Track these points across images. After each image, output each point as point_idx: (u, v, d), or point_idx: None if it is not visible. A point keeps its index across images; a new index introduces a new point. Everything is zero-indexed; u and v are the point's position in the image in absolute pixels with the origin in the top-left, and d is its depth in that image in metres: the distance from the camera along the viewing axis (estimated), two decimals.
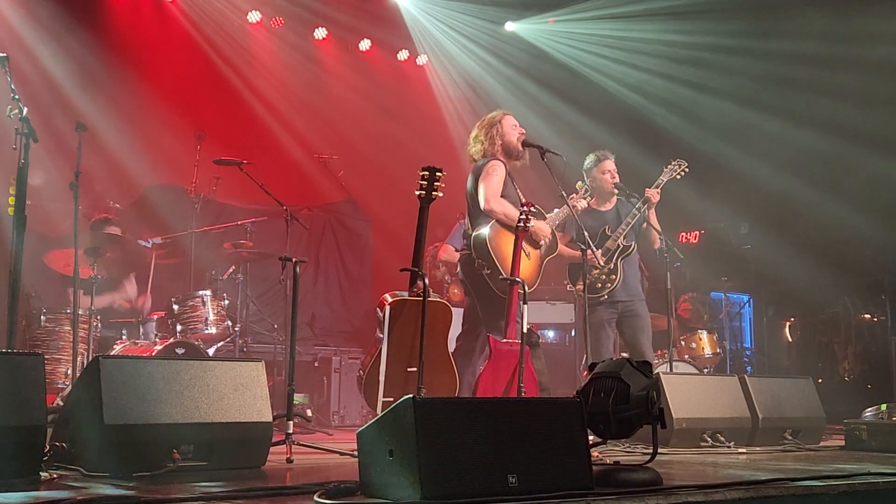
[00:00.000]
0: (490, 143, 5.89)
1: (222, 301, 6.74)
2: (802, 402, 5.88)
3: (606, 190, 6.60)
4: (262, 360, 3.96)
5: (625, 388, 3.20)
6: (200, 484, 3.22)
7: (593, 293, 6.27)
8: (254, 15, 9.59)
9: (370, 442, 2.84)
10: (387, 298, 5.11)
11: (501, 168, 5.80)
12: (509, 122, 5.97)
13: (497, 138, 5.89)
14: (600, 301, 6.35)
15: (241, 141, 8.73)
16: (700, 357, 7.99)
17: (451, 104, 10.52)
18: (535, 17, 10.48)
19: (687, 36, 9.69)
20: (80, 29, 8.28)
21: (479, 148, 5.93)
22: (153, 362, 3.76)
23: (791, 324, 10.41)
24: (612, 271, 6.36)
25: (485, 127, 5.94)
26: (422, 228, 5.10)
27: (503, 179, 5.78)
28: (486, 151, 5.88)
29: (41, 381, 3.24)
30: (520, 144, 5.93)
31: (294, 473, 3.78)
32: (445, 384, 5.17)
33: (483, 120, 6.03)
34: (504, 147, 5.90)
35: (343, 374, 8.13)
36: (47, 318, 6.12)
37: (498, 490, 2.64)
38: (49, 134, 4.82)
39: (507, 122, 5.96)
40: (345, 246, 10.17)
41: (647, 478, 3.05)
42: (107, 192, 7.90)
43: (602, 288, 6.34)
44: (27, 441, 3.13)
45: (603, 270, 6.32)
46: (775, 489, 3.05)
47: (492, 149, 5.87)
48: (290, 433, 4.30)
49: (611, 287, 6.35)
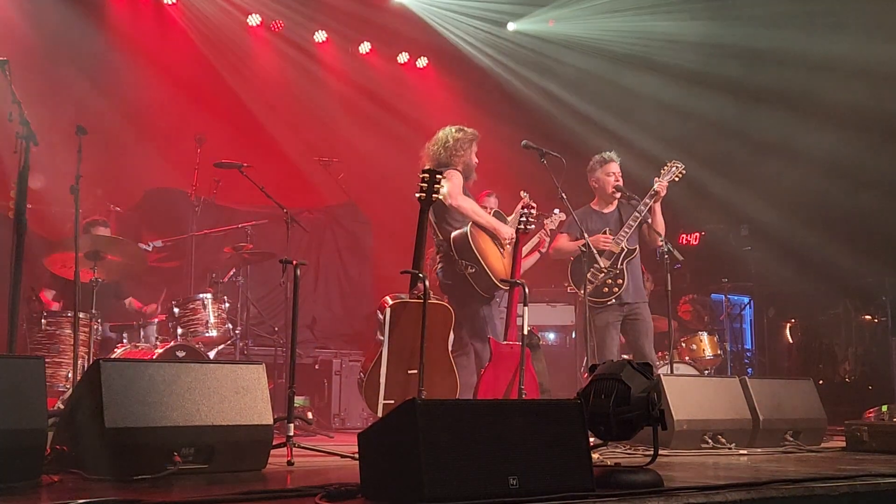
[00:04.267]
0: (448, 154, 5.90)
1: (223, 304, 6.75)
2: (803, 404, 5.88)
3: (608, 192, 6.61)
4: (262, 363, 3.96)
5: (625, 389, 3.20)
6: (201, 487, 3.22)
7: (601, 297, 6.28)
8: (254, 18, 9.61)
9: (371, 444, 2.84)
10: (387, 301, 5.12)
11: (459, 176, 5.87)
12: (475, 146, 6.03)
13: (461, 154, 5.92)
14: (608, 304, 6.35)
15: (242, 144, 8.73)
16: (701, 359, 7.99)
17: (451, 107, 10.52)
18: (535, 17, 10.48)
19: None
20: (81, 33, 8.29)
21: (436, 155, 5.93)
22: (154, 365, 3.75)
23: (792, 325, 10.40)
24: (618, 275, 6.36)
25: (454, 138, 5.94)
26: (422, 231, 5.12)
27: (461, 185, 5.84)
28: (441, 162, 5.88)
29: (42, 385, 3.24)
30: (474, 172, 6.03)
31: (295, 476, 3.78)
32: (446, 386, 5.17)
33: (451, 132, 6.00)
34: (465, 167, 5.94)
35: (344, 376, 8.13)
36: (48, 322, 6.13)
37: (499, 492, 2.64)
38: (50, 137, 4.81)
39: (475, 146, 6.03)
40: (345, 248, 10.17)
41: (647, 479, 3.05)
42: (107, 196, 7.91)
43: (609, 293, 6.33)
44: (28, 444, 3.13)
45: (609, 275, 6.32)
46: (776, 490, 3.04)
47: (447, 161, 5.88)
48: (291, 436, 4.31)
49: (618, 291, 6.35)
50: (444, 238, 5.86)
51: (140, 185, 8.71)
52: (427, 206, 5.10)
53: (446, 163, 5.87)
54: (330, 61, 10.29)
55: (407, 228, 5.67)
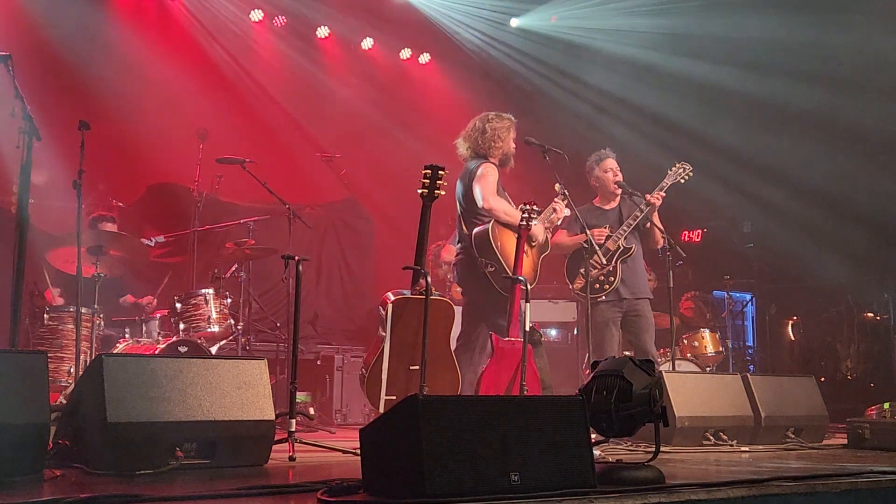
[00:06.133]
0: (487, 143, 5.83)
1: (225, 299, 6.75)
2: (805, 401, 5.87)
3: (609, 189, 6.61)
4: (264, 359, 3.97)
5: (627, 386, 3.19)
6: (203, 482, 3.23)
7: (592, 292, 6.28)
8: (256, 13, 9.61)
9: (373, 440, 2.84)
10: (389, 297, 5.12)
11: (495, 171, 5.79)
12: (513, 132, 5.95)
13: (500, 143, 5.85)
14: (604, 300, 6.36)
15: (244, 139, 8.73)
16: (703, 356, 8.00)
17: (454, 103, 10.51)
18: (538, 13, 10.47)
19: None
20: (84, 28, 8.29)
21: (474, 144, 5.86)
22: (156, 360, 3.76)
23: (794, 322, 10.39)
24: (610, 272, 6.37)
25: (491, 127, 5.86)
26: (424, 227, 5.11)
27: (497, 181, 5.78)
28: (479, 151, 5.83)
29: (44, 379, 3.25)
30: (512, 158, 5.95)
31: (297, 472, 3.78)
32: (448, 382, 5.17)
33: (488, 118, 5.91)
34: (504, 155, 5.89)
35: (345, 372, 8.13)
36: (50, 317, 6.13)
37: (500, 488, 2.64)
38: (52, 132, 4.81)
39: (513, 132, 5.94)
40: (347, 244, 10.18)
41: (649, 476, 3.04)
42: (110, 191, 7.91)
43: (600, 289, 6.35)
44: (30, 439, 3.13)
45: (602, 271, 6.33)
46: (778, 488, 3.04)
47: (485, 150, 5.83)
48: (293, 431, 4.31)
49: (609, 288, 6.36)
50: (467, 231, 5.82)
51: (142, 181, 8.71)
52: (429, 202, 5.10)
53: (485, 153, 5.82)
54: (332, 57, 10.29)
55: (409, 224, 5.68)
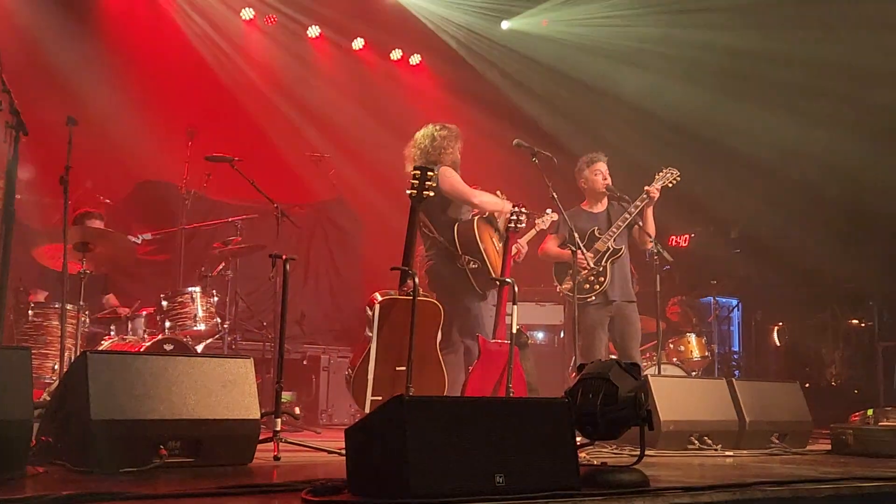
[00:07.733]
0: (437, 150, 5.90)
1: (211, 298, 6.72)
2: (789, 406, 5.90)
3: (598, 191, 6.63)
4: (250, 358, 3.96)
5: (613, 389, 3.20)
6: (187, 480, 3.21)
7: (581, 294, 6.29)
8: (247, 12, 9.58)
9: (358, 440, 2.84)
10: (376, 297, 5.11)
11: (454, 171, 5.89)
12: (459, 142, 6.05)
13: (449, 150, 5.94)
14: (591, 303, 6.37)
15: (233, 138, 8.68)
16: (688, 360, 8.02)
17: (444, 104, 10.51)
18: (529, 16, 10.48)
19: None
20: (72, 23, 8.24)
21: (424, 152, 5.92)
22: (141, 358, 3.75)
23: (779, 328, 10.45)
24: (600, 273, 6.39)
25: (440, 136, 5.95)
26: (412, 227, 5.12)
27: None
28: (430, 158, 5.86)
29: (28, 376, 3.23)
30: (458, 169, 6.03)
31: (281, 471, 3.77)
32: (434, 383, 5.17)
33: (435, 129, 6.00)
34: (452, 164, 5.96)
35: (332, 372, 8.12)
36: (35, 313, 6.09)
37: (485, 489, 2.65)
38: (39, 128, 4.77)
39: (459, 141, 6.04)
40: (335, 244, 10.16)
41: (633, 479, 3.05)
42: (97, 188, 7.87)
43: (590, 290, 6.36)
44: (13, 435, 3.12)
45: (591, 272, 6.34)
46: (761, 492, 3.06)
47: (436, 157, 5.88)
48: (278, 431, 4.30)
49: (599, 289, 6.37)
50: (439, 234, 5.84)
51: (130, 178, 8.67)
52: (418, 204, 5.10)
53: (435, 160, 5.86)
54: (323, 57, 10.27)
55: (397, 225, 5.67)
